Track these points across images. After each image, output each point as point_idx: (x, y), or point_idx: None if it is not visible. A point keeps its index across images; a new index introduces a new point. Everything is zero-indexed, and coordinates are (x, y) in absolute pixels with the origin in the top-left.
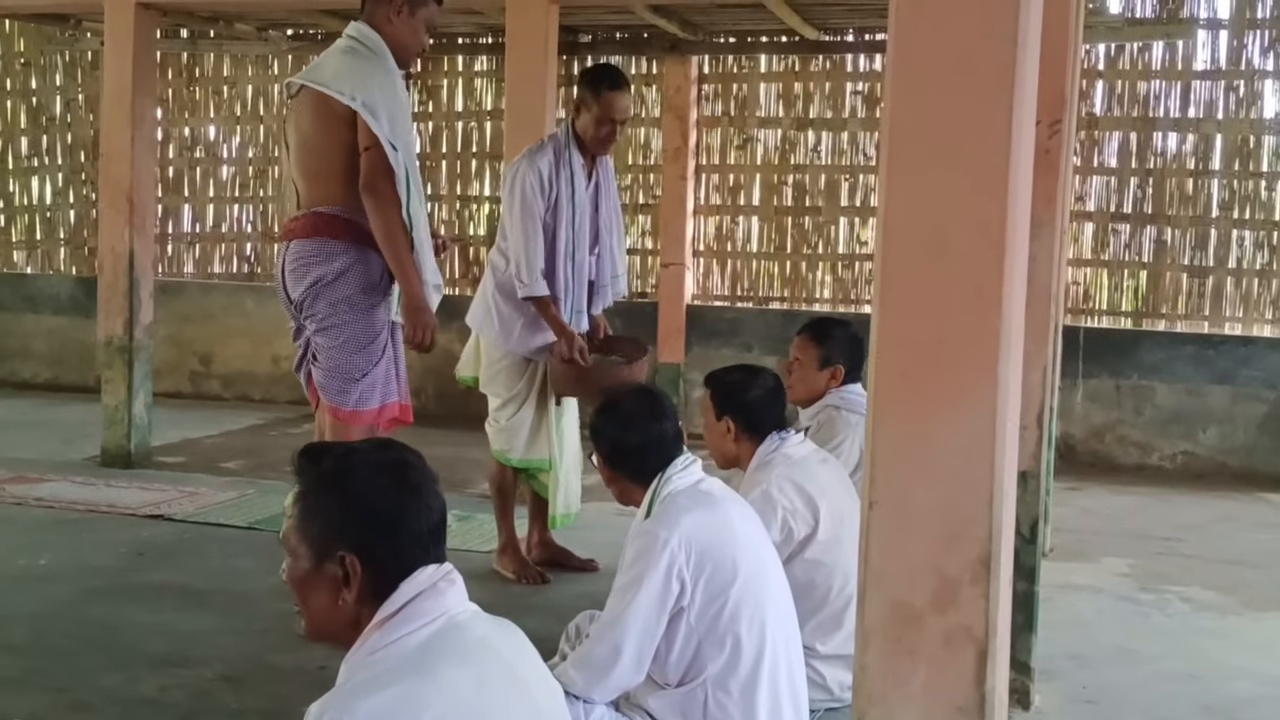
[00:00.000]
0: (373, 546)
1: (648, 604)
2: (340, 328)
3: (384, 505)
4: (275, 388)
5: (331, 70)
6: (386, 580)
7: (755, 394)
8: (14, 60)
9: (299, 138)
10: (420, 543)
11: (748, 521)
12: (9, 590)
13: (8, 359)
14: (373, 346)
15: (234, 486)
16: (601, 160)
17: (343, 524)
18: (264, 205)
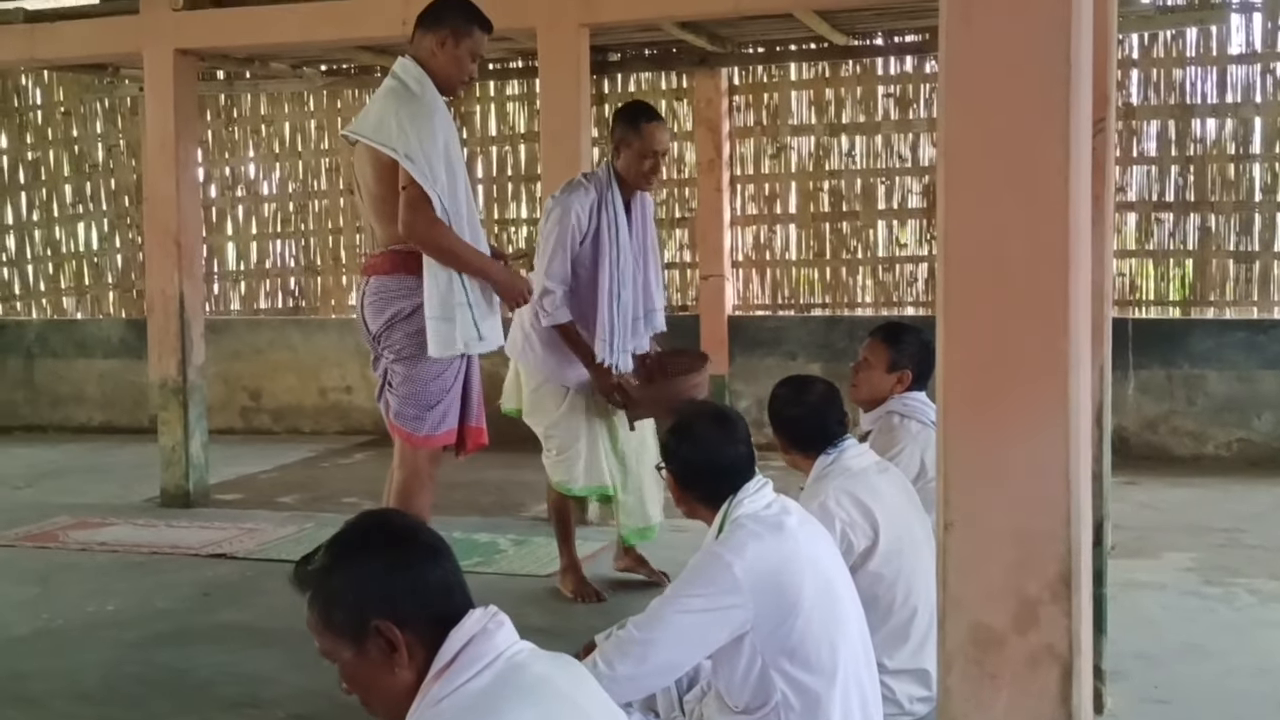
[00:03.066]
0: (397, 605)
1: (693, 621)
2: (416, 358)
3: (387, 563)
4: (324, 419)
5: (374, 119)
6: (429, 633)
7: (797, 410)
8: (54, 110)
9: (363, 183)
10: (443, 589)
11: (817, 543)
12: (79, 638)
13: (62, 404)
14: (446, 374)
15: (292, 521)
16: (638, 196)
17: (360, 598)
18: (306, 239)
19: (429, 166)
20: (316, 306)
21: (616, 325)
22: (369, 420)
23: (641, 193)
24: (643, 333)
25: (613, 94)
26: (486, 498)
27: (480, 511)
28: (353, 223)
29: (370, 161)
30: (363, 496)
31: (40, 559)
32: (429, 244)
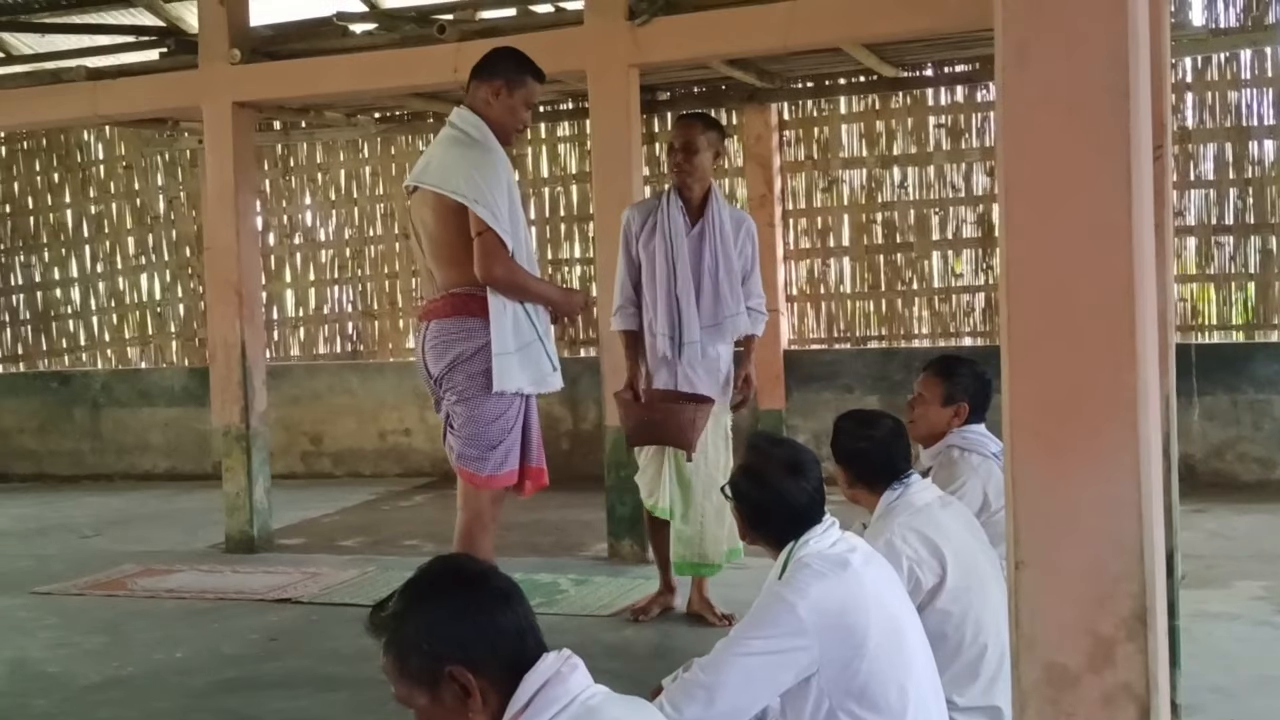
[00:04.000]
0: (470, 650)
1: (757, 663)
2: (477, 399)
3: (460, 608)
4: (384, 462)
5: (439, 167)
6: (503, 677)
7: (864, 445)
8: (116, 164)
9: (425, 230)
10: (516, 633)
11: (883, 581)
12: (149, 686)
13: (127, 453)
14: (507, 415)
15: (354, 565)
16: (714, 210)
17: (433, 644)
18: (362, 285)
19: (497, 209)
20: (374, 351)
21: (676, 321)
22: (428, 462)
23: (719, 209)
24: (722, 338)
25: (662, 132)
26: (546, 538)
27: (540, 552)
28: (408, 267)
29: (433, 208)
30: (423, 539)
31: (109, 607)
32: (507, 284)
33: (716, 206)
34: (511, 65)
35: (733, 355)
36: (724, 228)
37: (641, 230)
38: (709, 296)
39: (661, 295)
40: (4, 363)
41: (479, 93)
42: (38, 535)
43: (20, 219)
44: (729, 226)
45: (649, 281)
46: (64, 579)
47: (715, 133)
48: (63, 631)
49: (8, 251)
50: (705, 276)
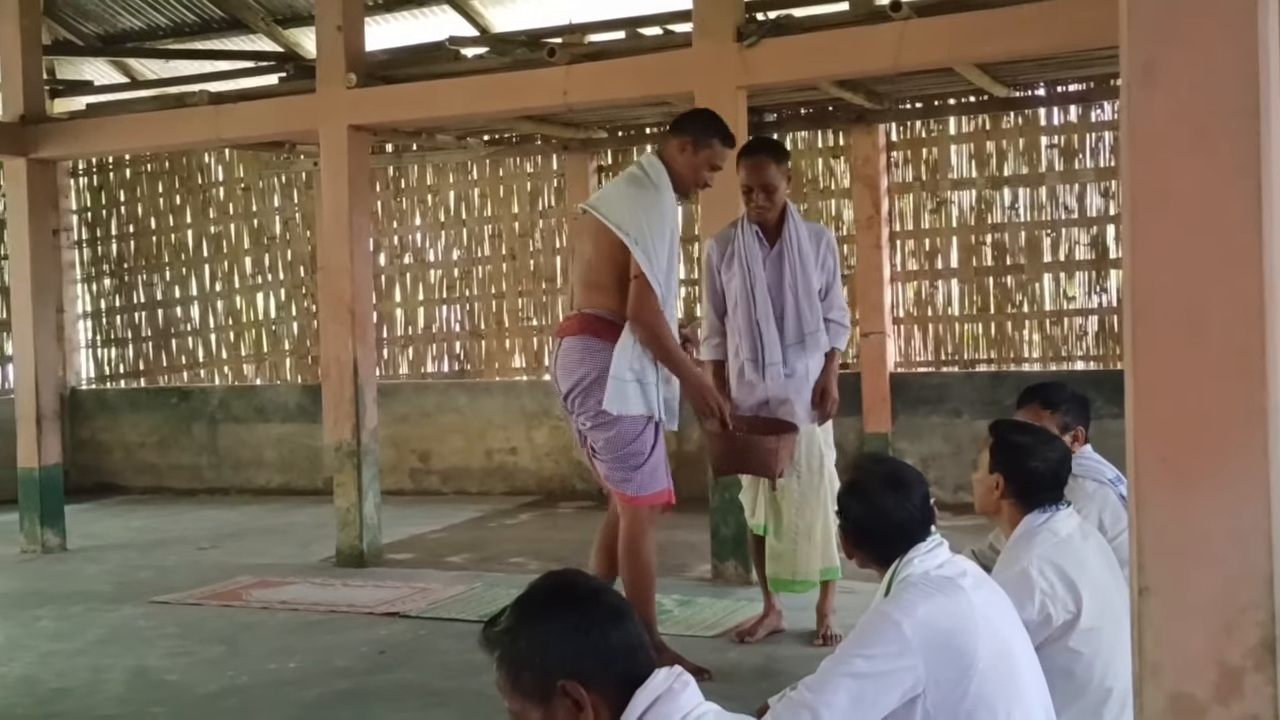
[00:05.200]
0: (582, 665)
1: (862, 683)
2: (611, 423)
3: (572, 624)
4: (490, 480)
5: (612, 202)
6: (614, 693)
7: (1037, 464)
8: (235, 186)
9: (581, 250)
10: (627, 649)
11: (994, 607)
12: (264, 695)
13: (243, 467)
14: (644, 435)
15: (461, 581)
16: (790, 229)
17: (545, 659)
18: (470, 304)
19: (654, 254)
20: (481, 370)
21: (758, 343)
22: (533, 481)
23: (796, 227)
24: (807, 354)
25: None
26: None
27: None
28: (515, 288)
29: (593, 234)
30: (529, 556)
31: (225, 617)
32: (649, 333)
33: (793, 225)
34: (701, 125)
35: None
36: (802, 245)
37: (721, 260)
38: (791, 315)
39: (742, 320)
40: (127, 378)
41: (670, 143)
42: (157, 546)
43: (144, 239)
44: (807, 243)
45: (731, 309)
46: (182, 589)
47: (785, 160)
48: (181, 640)
49: (132, 270)
50: (786, 295)
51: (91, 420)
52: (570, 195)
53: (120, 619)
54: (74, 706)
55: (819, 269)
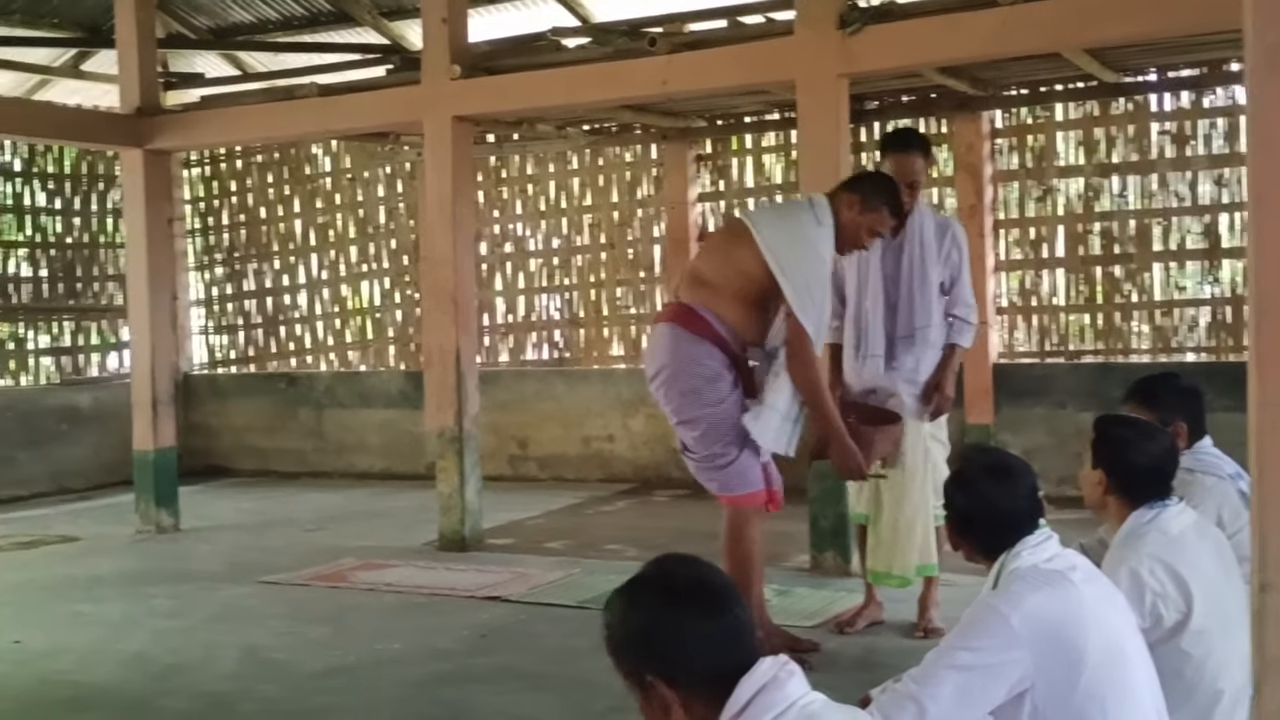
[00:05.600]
0: (672, 657)
1: (969, 676)
2: (696, 421)
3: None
4: (586, 467)
5: (775, 229)
6: (716, 681)
7: (1138, 458)
8: (342, 176)
9: (712, 246)
10: (730, 636)
11: (1106, 602)
12: (369, 675)
13: (346, 452)
14: (730, 436)
15: (560, 567)
16: (916, 219)
17: (637, 652)
18: (569, 293)
19: (812, 297)
20: (579, 358)
21: (865, 334)
22: (629, 469)
23: (922, 219)
24: (916, 349)
25: (869, 142)
26: None
27: None
28: (613, 276)
29: (740, 245)
30: (626, 544)
31: (330, 598)
32: (801, 376)
33: (920, 216)
34: (873, 189)
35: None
36: (925, 237)
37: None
38: (904, 308)
39: (853, 308)
40: (237, 364)
41: (841, 196)
42: (265, 528)
43: (254, 228)
44: (931, 236)
45: (849, 295)
46: (289, 570)
47: (930, 154)
48: (288, 620)
49: (242, 259)
50: (901, 287)
51: (203, 405)
52: (669, 184)
53: (230, 598)
54: (187, 682)
55: (942, 263)
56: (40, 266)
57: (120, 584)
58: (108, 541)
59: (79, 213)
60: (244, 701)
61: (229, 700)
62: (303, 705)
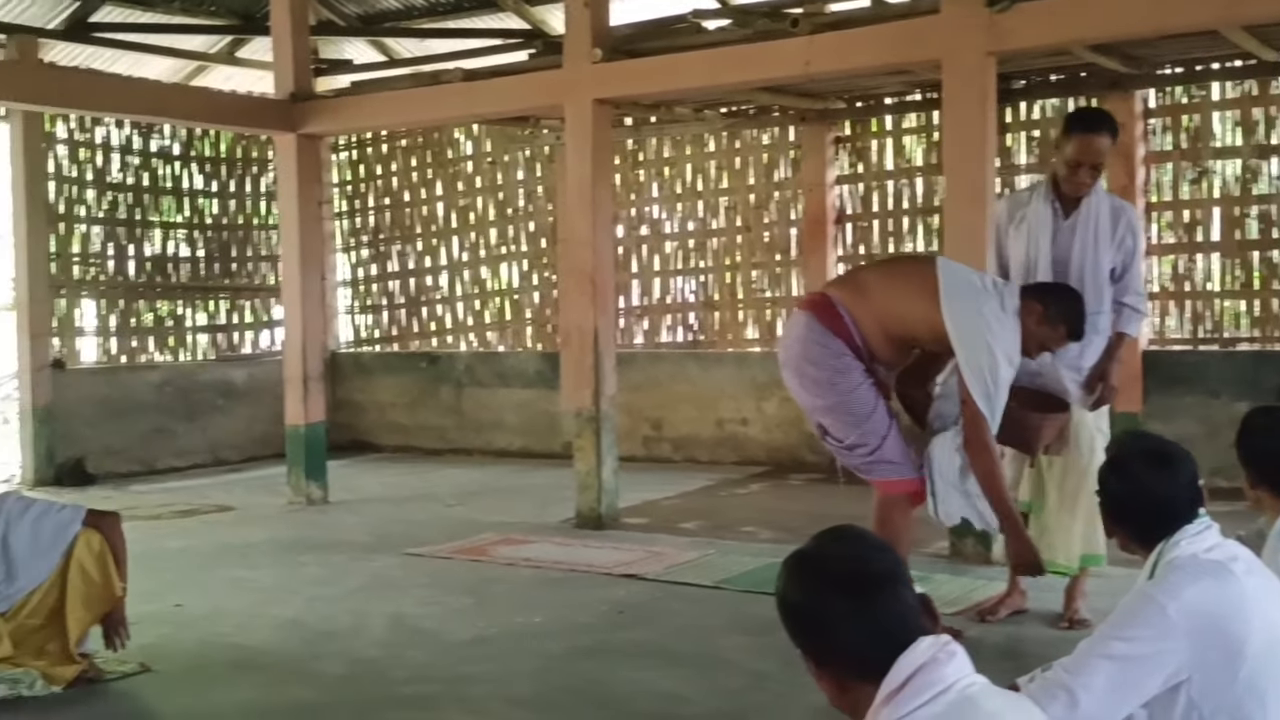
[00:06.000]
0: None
1: (1123, 666)
2: (829, 410)
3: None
4: (720, 450)
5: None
6: (873, 660)
7: (1272, 443)
8: (482, 160)
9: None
10: (887, 614)
11: (1268, 595)
12: (511, 646)
13: (485, 430)
14: (870, 422)
15: (695, 547)
16: (1092, 203)
17: (788, 628)
18: (704, 276)
19: (995, 385)
20: (714, 340)
21: None
22: (763, 452)
23: (1098, 202)
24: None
25: (1015, 122)
26: None
27: None
28: (749, 259)
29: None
30: (760, 526)
31: (472, 571)
32: (979, 464)
33: (1095, 199)
34: (1058, 307)
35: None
36: (1099, 221)
37: (1010, 222)
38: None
39: None
40: (381, 343)
41: (1028, 301)
42: (408, 502)
43: (398, 211)
44: (1105, 220)
45: (1012, 275)
46: (432, 543)
47: (1116, 135)
48: (433, 591)
49: (386, 241)
50: (1072, 271)
51: (348, 382)
52: (806, 166)
53: (377, 568)
54: (339, 648)
55: (1115, 247)
56: (198, 247)
57: (274, 552)
58: (261, 511)
59: (234, 195)
60: (394, 668)
61: (380, 666)
62: (450, 673)
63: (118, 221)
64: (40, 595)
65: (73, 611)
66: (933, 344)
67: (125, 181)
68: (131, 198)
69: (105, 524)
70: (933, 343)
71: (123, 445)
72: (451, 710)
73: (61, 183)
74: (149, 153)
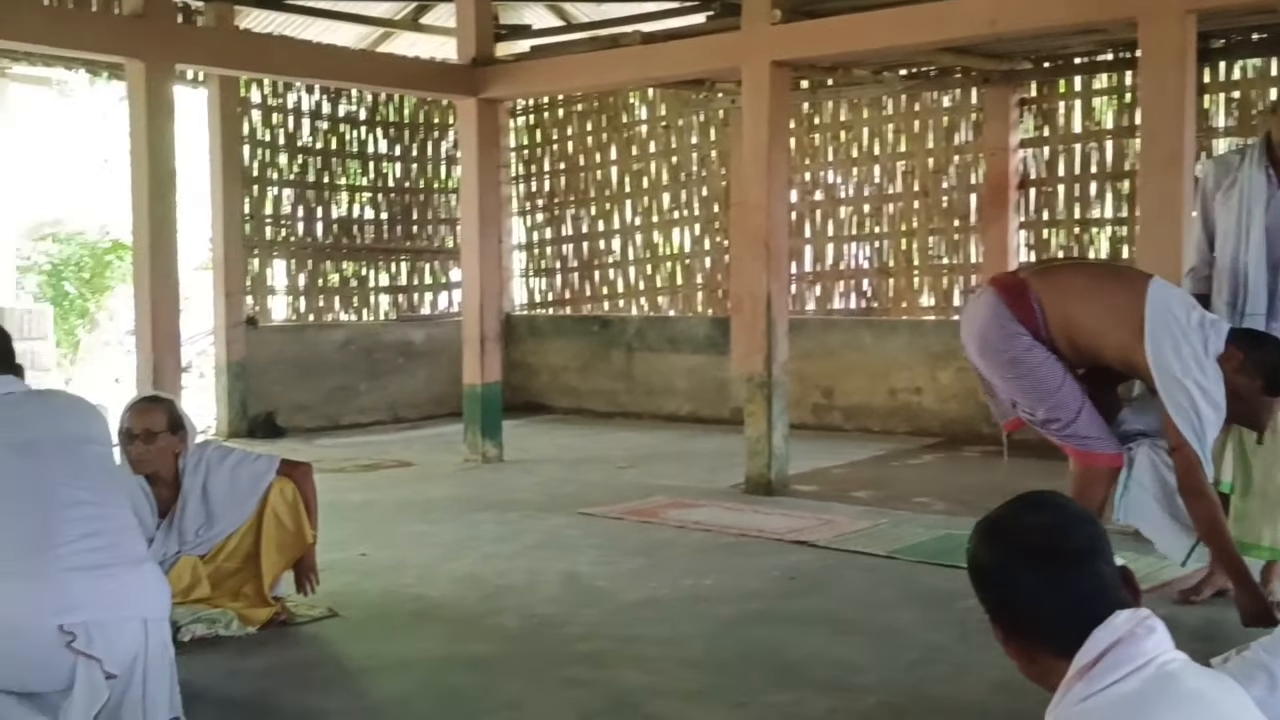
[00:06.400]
0: (1003, 612)
1: None
2: (1019, 383)
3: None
4: (892, 420)
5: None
6: (1065, 631)
7: None
8: (656, 124)
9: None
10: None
11: None
12: (681, 609)
13: (655, 394)
14: (1060, 395)
15: (866, 516)
16: None
17: (985, 593)
18: (880, 242)
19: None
20: (888, 308)
21: (1239, 287)
22: (937, 423)
23: None
24: None
25: (1214, 83)
26: None
27: None
28: (926, 225)
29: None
30: (934, 497)
31: (643, 533)
32: (1197, 510)
33: None
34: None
35: None
36: None
37: (1218, 188)
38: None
39: (1227, 260)
40: (555, 306)
41: (1228, 347)
42: (580, 463)
43: (573, 175)
44: None
45: (1219, 244)
46: (604, 504)
47: None
48: (606, 551)
49: (560, 205)
50: (1275, 246)
51: (522, 344)
52: (988, 130)
53: (551, 527)
54: (515, 602)
55: None
56: (381, 209)
57: (451, 508)
58: (438, 468)
59: (416, 159)
60: (568, 624)
61: (554, 622)
62: (622, 632)
63: (307, 184)
64: (237, 540)
65: (267, 556)
66: (1119, 366)
67: (314, 145)
68: (320, 161)
69: (298, 473)
70: (1119, 365)
71: (309, 401)
72: (625, 668)
73: (255, 146)
74: (337, 118)
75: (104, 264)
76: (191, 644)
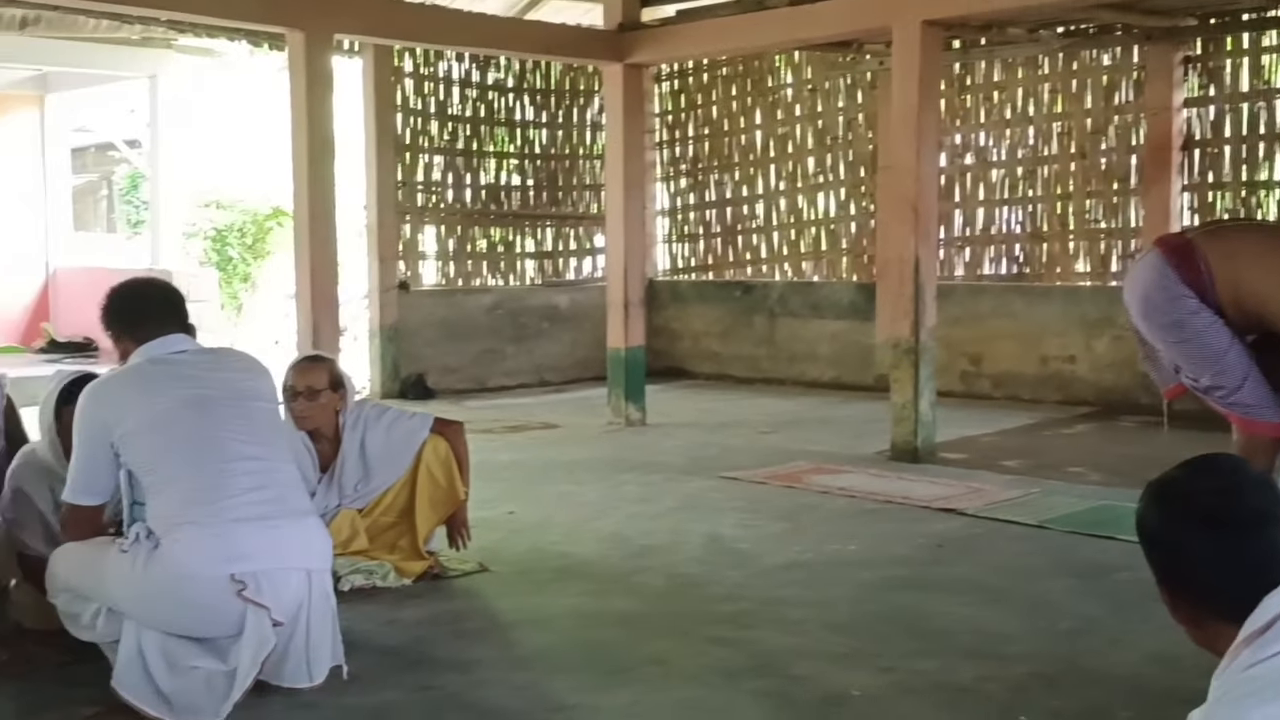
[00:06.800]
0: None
1: None
2: (1183, 348)
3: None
4: (1043, 388)
5: None
6: (1217, 606)
7: None
8: (802, 88)
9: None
10: (1253, 554)
11: None
12: (826, 573)
13: (797, 360)
14: (1224, 361)
15: (1016, 485)
16: None
17: (1146, 554)
18: (1033, 206)
19: None
20: (1040, 274)
21: None
22: (1091, 392)
23: None
24: None
25: None
26: None
27: None
28: (1083, 188)
29: None
30: (1088, 468)
31: (786, 497)
32: None
33: None
34: None
35: None
36: None
37: None
38: None
39: None
40: (697, 271)
41: None
42: (722, 428)
43: (716, 140)
44: None
45: None
46: (747, 468)
47: None
48: (748, 514)
49: (704, 170)
50: None
51: (665, 309)
52: (1150, 89)
53: (693, 489)
54: (659, 562)
55: None
56: (528, 176)
57: (596, 469)
58: (582, 430)
59: (561, 125)
60: (711, 585)
61: (698, 582)
62: (766, 594)
63: (457, 152)
64: (393, 495)
65: (420, 511)
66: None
67: (464, 113)
68: (469, 129)
69: (450, 432)
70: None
71: (458, 363)
72: (768, 630)
73: (408, 114)
74: (485, 85)
75: (265, 230)
76: (350, 594)
